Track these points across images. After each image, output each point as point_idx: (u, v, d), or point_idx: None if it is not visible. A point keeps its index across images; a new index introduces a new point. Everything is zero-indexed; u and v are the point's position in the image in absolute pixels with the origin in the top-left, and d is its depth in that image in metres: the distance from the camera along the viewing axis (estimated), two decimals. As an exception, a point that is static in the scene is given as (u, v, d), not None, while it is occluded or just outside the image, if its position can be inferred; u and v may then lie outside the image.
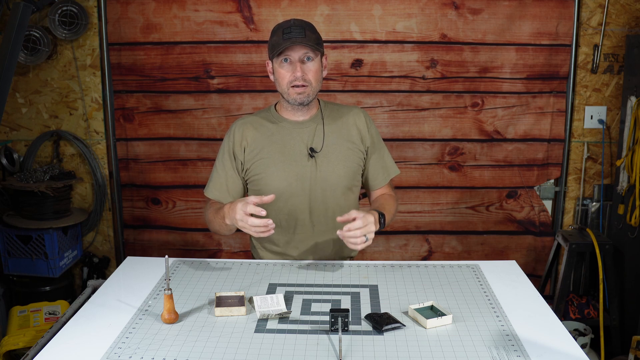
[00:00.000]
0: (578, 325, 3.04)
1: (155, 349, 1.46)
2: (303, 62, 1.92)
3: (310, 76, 1.93)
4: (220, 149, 2.09)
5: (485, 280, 1.87)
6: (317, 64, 1.95)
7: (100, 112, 3.35)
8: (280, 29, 1.92)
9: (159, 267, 1.95)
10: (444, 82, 3.26)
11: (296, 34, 1.89)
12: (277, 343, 1.48)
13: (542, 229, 3.41)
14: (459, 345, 1.47)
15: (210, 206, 2.05)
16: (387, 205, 2.04)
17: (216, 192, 2.07)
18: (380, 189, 2.16)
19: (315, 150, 2.01)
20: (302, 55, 1.92)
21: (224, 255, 3.46)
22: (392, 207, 2.06)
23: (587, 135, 3.32)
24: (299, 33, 1.89)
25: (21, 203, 3.16)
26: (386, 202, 2.07)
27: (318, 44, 1.94)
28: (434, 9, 3.17)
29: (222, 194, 2.06)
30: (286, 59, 1.92)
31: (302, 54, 1.91)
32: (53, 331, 1.59)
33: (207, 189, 2.09)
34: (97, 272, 3.48)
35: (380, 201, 2.09)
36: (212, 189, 2.08)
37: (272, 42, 1.94)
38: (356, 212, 1.79)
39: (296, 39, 1.88)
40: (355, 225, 1.76)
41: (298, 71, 1.91)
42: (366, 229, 1.77)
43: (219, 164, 2.08)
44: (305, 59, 1.92)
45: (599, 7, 3.16)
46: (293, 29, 1.89)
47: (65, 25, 3.15)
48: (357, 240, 1.77)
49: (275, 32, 1.95)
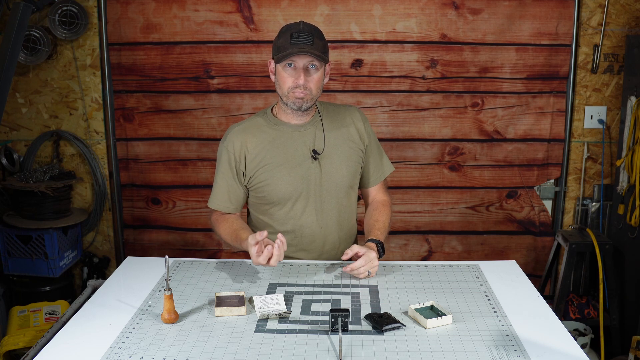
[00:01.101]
0: (578, 325, 3.04)
1: (155, 349, 1.46)
2: (307, 70, 1.90)
3: (312, 85, 1.91)
4: (218, 158, 2.06)
5: (485, 280, 1.87)
6: (321, 73, 1.94)
7: (100, 112, 3.35)
8: (289, 32, 1.88)
9: (159, 267, 1.95)
10: (444, 82, 3.26)
11: (304, 40, 1.86)
12: (277, 343, 1.48)
13: (542, 229, 3.41)
14: (459, 345, 1.47)
15: (221, 220, 2.05)
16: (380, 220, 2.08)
17: (219, 203, 2.07)
18: (375, 187, 2.17)
19: (318, 152, 2.01)
20: (307, 63, 1.89)
21: (224, 255, 3.46)
22: (387, 219, 2.11)
23: (587, 135, 3.32)
24: (307, 40, 1.86)
25: (21, 203, 3.16)
26: (380, 217, 2.10)
27: (324, 53, 1.91)
28: (434, 9, 3.17)
29: (225, 204, 2.06)
30: (290, 64, 1.90)
31: (307, 61, 1.89)
32: (53, 331, 1.59)
33: (210, 201, 2.09)
34: (97, 272, 3.48)
35: (374, 217, 2.10)
36: (215, 200, 2.07)
37: (279, 44, 1.91)
38: (358, 247, 1.87)
39: (303, 47, 1.85)
40: (358, 264, 1.85)
41: (301, 79, 1.88)
42: (369, 265, 1.86)
43: (219, 176, 2.06)
44: (310, 66, 1.90)
45: (599, 7, 3.16)
46: (301, 35, 1.87)
47: (65, 25, 3.15)
48: (360, 276, 1.87)
49: (282, 34, 1.91)
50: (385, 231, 2.06)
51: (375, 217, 2.10)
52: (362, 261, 1.84)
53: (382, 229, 2.05)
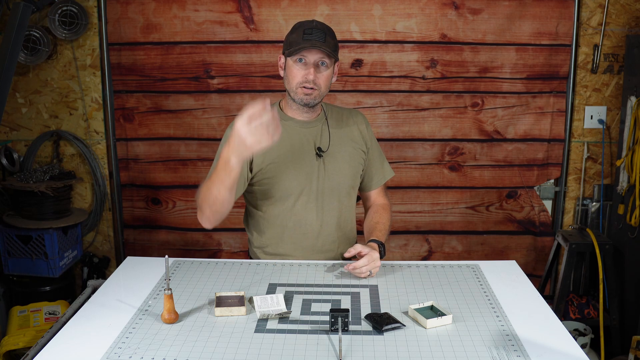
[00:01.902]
0: (578, 325, 3.04)
1: (155, 349, 1.46)
2: (317, 67, 1.92)
3: (321, 81, 1.93)
4: (221, 145, 2.02)
5: (485, 280, 1.87)
6: (330, 71, 1.96)
7: (100, 112, 3.35)
8: (302, 28, 1.92)
9: (159, 267, 1.95)
10: (444, 82, 3.26)
11: (317, 37, 1.89)
12: (277, 343, 1.48)
13: (542, 229, 3.41)
14: (459, 345, 1.47)
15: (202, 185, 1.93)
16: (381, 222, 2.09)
17: None
18: (376, 191, 2.19)
19: (323, 150, 2.02)
20: (318, 59, 1.91)
21: (224, 255, 3.46)
22: (387, 222, 2.11)
23: (587, 135, 3.32)
24: (319, 37, 1.89)
25: (21, 203, 3.16)
26: (381, 219, 2.10)
27: (335, 51, 1.94)
28: (434, 9, 3.17)
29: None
30: (301, 59, 1.92)
31: (318, 58, 1.91)
32: (53, 331, 1.59)
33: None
34: (97, 272, 3.48)
35: (375, 219, 2.11)
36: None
37: (291, 40, 1.93)
38: (361, 247, 1.88)
39: (316, 42, 1.88)
40: (361, 263, 1.85)
41: (311, 74, 1.91)
42: (371, 265, 1.86)
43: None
44: (320, 63, 1.92)
45: (599, 7, 3.16)
46: (314, 31, 1.89)
47: (65, 25, 3.15)
48: (362, 275, 1.87)
49: (295, 30, 1.94)
50: (386, 233, 2.07)
51: (376, 219, 2.10)
52: (365, 260, 1.85)
53: (383, 231, 2.06)
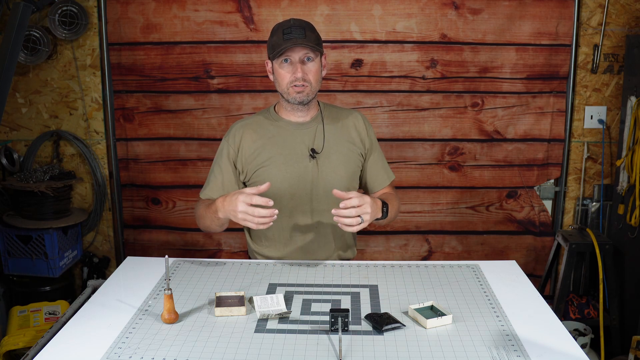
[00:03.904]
0: (578, 325, 3.04)
1: (155, 349, 1.46)
2: (303, 63, 1.93)
3: (310, 76, 1.94)
4: (218, 151, 2.09)
5: (485, 280, 1.87)
6: (317, 64, 1.96)
7: (100, 112, 3.35)
8: (280, 29, 1.92)
9: (159, 267, 1.95)
10: (444, 82, 3.26)
11: (296, 34, 1.89)
12: (277, 343, 1.48)
13: (542, 229, 3.41)
14: (459, 345, 1.47)
15: (201, 204, 2.03)
16: (391, 200, 2.03)
17: (211, 194, 2.05)
18: (383, 189, 2.16)
19: (317, 151, 2.01)
20: (303, 55, 1.92)
21: (224, 255, 3.46)
22: (395, 202, 2.06)
23: (587, 135, 3.32)
24: (299, 33, 1.89)
25: (21, 203, 3.16)
26: (390, 197, 2.06)
27: (318, 44, 1.94)
28: (434, 9, 3.17)
29: (218, 194, 2.03)
30: (286, 60, 1.93)
31: (302, 54, 1.92)
32: (53, 331, 1.59)
33: (203, 192, 2.08)
34: (97, 272, 3.48)
35: (384, 196, 2.08)
36: (208, 191, 2.06)
37: (272, 43, 1.94)
38: (355, 193, 1.77)
39: (297, 40, 1.88)
40: (351, 203, 1.72)
41: (298, 72, 1.91)
42: (361, 208, 1.74)
43: (216, 167, 2.07)
44: (306, 59, 1.93)
45: (599, 7, 3.16)
46: (293, 29, 1.90)
47: (65, 25, 3.15)
48: (352, 221, 1.74)
49: (275, 32, 1.95)
50: (392, 206, 1.98)
51: (384, 196, 2.04)
52: (356, 200, 1.72)
53: (390, 201, 1.99)
